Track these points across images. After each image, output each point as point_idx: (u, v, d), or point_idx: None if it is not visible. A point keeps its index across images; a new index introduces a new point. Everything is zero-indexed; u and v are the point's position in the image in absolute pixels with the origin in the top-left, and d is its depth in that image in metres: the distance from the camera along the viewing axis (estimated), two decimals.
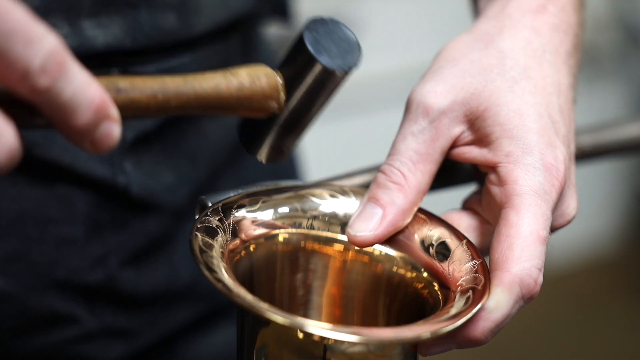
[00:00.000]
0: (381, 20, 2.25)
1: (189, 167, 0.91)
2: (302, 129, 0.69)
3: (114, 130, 0.56)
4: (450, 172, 0.76)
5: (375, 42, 2.21)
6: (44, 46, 0.53)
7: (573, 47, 0.75)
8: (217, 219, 0.67)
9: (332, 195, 0.72)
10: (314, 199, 0.72)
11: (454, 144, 0.71)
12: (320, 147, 1.93)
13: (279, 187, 0.72)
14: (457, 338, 0.64)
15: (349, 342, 0.62)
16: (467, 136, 0.70)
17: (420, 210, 0.71)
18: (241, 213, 0.69)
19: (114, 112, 0.56)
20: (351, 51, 0.66)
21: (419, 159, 0.69)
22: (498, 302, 0.64)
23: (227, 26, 0.89)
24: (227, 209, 0.69)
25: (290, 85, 0.66)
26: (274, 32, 1.17)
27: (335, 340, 0.62)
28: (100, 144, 0.56)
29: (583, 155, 0.87)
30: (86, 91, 0.54)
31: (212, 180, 0.93)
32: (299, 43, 0.65)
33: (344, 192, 0.73)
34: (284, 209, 0.71)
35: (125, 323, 0.90)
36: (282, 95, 0.66)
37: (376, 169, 0.75)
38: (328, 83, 0.66)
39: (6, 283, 0.83)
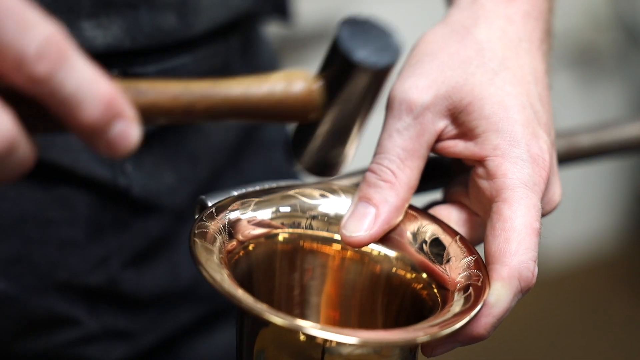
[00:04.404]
0: (380, 20, 2.24)
1: (189, 168, 0.91)
2: (347, 138, 0.65)
3: (131, 130, 0.54)
4: (440, 173, 0.76)
5: None
6: (40, 32, 0.51)
7: (545, 32, 0.75)
8: (214, 220, 0.67)
9: (322, 195, 0.72)
10: (305, 199, 0.72)
11: (439, 138, 0.71)
12: None
13: (270, 187, 0.72)
14: (460, 336, 0.65)
15: (348, 344, 0.62)
16: (451, 130, 0.70)
17: (410, 207, 0.71)
18: (236, 214, 0.69)
19: (129, 111, 0.54)
20: (388, 48, 0.62)
21: (406, 156, 0.70)
22: (499, 297, 0.65)
23: (227, 26, 0.89)
24: (223, 210, 0.69)
25: (331, 90, 0.62)
26: (274, 31, 1.17)
27: (334, 342, 0.62)
28: (116, 146, 0.54)
29: (583, 155, 0.87)
30: (93, 84, 0.52)
31: (213, 181, 0.93)
32: (334, 44, 0.62)
33: (332, 190, 0.73)
34: (280, 209, 0.71)
35: (127, 324, 0.90)
36: (320, 101, 0.62)
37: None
38: (366, 82, 0.62)
39: (7, 285, 0.83)
